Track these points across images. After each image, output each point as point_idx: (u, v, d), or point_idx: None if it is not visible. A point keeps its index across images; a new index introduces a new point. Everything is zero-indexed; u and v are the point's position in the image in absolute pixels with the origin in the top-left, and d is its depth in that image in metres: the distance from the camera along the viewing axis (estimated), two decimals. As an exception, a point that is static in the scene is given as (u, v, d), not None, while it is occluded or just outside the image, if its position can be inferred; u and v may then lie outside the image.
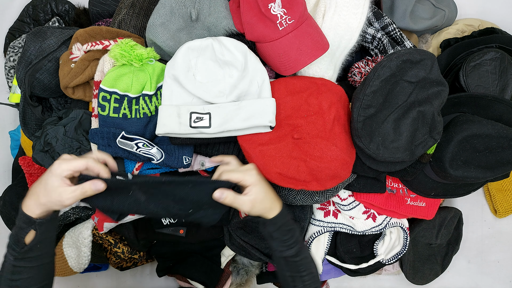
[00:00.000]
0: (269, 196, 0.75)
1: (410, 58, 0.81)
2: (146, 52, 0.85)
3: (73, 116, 0.92)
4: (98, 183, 0.66)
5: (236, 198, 0.72)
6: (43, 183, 0.66)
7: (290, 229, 0.77)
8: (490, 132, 0.85)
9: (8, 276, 0.67)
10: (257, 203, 0.73)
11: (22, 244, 0.66)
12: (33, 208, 0.66)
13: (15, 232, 0.66)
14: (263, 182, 0.75)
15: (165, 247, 1.08)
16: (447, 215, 1.13)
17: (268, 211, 0.75)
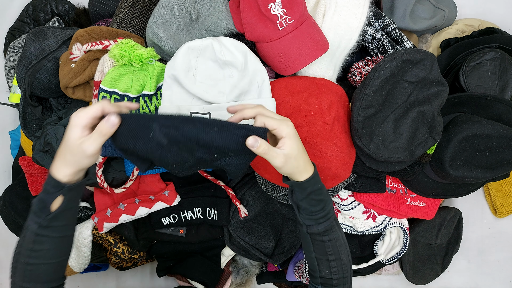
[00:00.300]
0: (303, 154, 0.66)
1: (410, 58, 0.81)
2: (146, 52, 0.85)
3: (73, 116, 0.92)
4: (111, 118, 0.60)
5: (271, 149, 0.62)
6: (65, 140, 0.61)
7: (321, 200, 0.68)
8: (490, 132, 0.85)
9: (29, 245, 0.65)
10: (291, 159, 0.64)
11: (48, 211, 0.63)
12: (61, 170, 0.62)
13: (42, 197, 0.63)
14: (297, 138, 0.65)
15: (165, 247, 1.08)
16: (447, 215, 1.13)
17: (300, 171, 0.66)
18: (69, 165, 0.62)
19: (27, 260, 0.65)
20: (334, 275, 0.69)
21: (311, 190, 0.67)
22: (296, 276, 1.09)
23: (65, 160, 0.62)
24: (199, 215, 1.00)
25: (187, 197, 1.01)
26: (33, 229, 0.64)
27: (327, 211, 0.69)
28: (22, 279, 0.66)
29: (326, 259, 0.69)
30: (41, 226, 0.64)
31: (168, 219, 1.01)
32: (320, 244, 0.69)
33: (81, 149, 0.60)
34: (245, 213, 0.98)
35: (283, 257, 1.04)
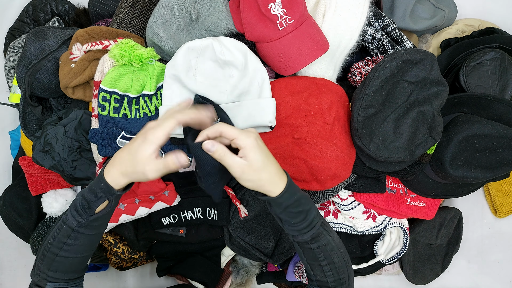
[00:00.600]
0: (268, 167, 0.62)
1: (410, 58, 0.81)
2: (146, 52, 0.85)
3: (73, 116, 0.92)
4: (181, 157, 0.59)
5: (227, 155, 0.60)
6: (133, 151, 0.60)
7: (300, 211, 0.64)
8: (490, 132, 0.85)
9: (64, 239, 0.66)
10: (251, 171, 0.60)
11: (92, 212, 0.64)
12: (117, 178, 0.62)
13: (89, 198, 0.63)
14: (263, 149, 0.62)
15: (165, 247, 1.08)
16: (447, 215, 1.13)
17: (264, 185, 0.63)
18: (126, 177, 0.62)
19: (58, 252, 0.66)
20: (329, 278, 0.68)
21: (287, 204, 0.64)
22: (296, 276, 1.09)
23: (125, 170, 0.61)
24: (199, 215, 1.00)
25: (187, 197, 1.01)
26: (72, 225, 0.65)
27: (310, 220, 0.66)
28: (48, 267, 0.67)
29: (319, 264, 0.68)
30: (80, 225, 0.65)
31: (168, 219, 1.01)
32: (309, 251, 0.68)
33: (144, 171, 0.59)
34: (245, 213, 0.98)
35: (283, 257, 1.04)
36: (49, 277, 0.68)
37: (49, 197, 1.02)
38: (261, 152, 0.62)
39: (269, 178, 0.62)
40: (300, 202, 0.65)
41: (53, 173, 1.02)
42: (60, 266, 0.68)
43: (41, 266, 0.68)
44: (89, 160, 0.91)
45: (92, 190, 0.63)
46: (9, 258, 1.28)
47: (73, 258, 0.68)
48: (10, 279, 1.28)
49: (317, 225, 0.67)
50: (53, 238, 0.67)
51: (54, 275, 0.68)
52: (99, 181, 0.63)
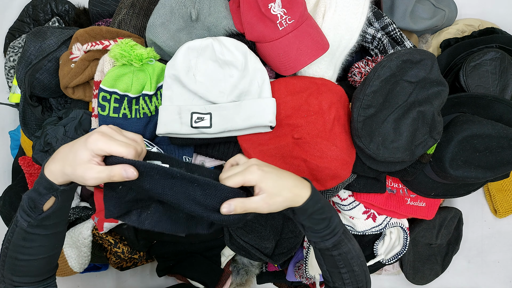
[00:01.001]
0: (285, 184, 0.62)
1: (410, 58, 0.81)
2: (146, 52, 0.85)
3: (73, 116, 0.92)
4: (130, 171, 0.54)
5: (246, 203, 0.59)
6: (73, 151, 0.56)
7: (324, 218, 0.65)
8: (490, 132, 0.85)
9: (20, 242, 0.62)
10: (273, 198, 0.60)
11: (40, 211, 0.60)
12: (56, 175, 0.58)
13: (33, 197, 0.59)
14: (270, 174, 0.61)
15: (165, 247, 1.08)
16: (447, 215, 1.13)
17: (291, 200, 0.62)
18: (64, 176, 0.58)
19: (16, 256, 0.63)
20: (348, 286, 0.69)
21: (312, 210, 0.64)
22: (296, 276, 1.09)
23: (63, 169, 0.57)
24: (199, 215, 1.00)
25: (187, 197, 1.00)
26: (23, 227, 0.61)
27: (333, 227, 0.66)
28: (12, 273, 0.64)
29: (338, 272, 0.69)
30: (31, 225, 0.61)
31: (168, 219, 1.01)
32: (330, 258, 0.68)
33: (83, 175, 0.55)
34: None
35: (283, 257, 1.04)
36: (15, 282, 0.64)
37: (49, 197, 1.02)
38: (271, 176, 0.61)
39: (290, 194, 0.62)
40: (324, 209, 0.65)
41: (53, 173, 1.02)
42: (24, 270, 0.64)
43: (4, 272, 0.64)
44: (89, 160, 0.91)
45: (35, 188, 0.60)
46: (9, 258, 1.28)
47: (36, 261, 0.64)
48: (10, 279, 1.28)
49: (339, 233, 0.67)
50: (8, 242, 0.63)
51: (20, 280, 0.64)
52: (40, 178, 0.59)
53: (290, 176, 0.64)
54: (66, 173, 0.57)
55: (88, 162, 0.55)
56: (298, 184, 0.64)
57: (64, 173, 0.57)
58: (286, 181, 0.63)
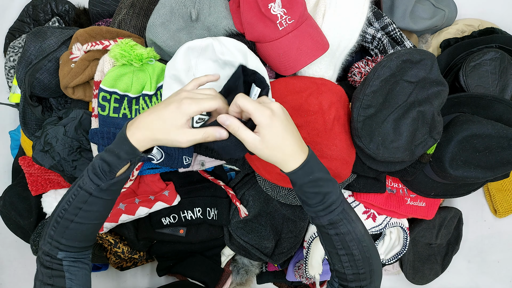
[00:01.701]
0: (282, 146, 0.61)
1: (410, 58, 0.81)
2: (146, 52, 0.85)
3: (73, 116, 0.92)
4: (223, 132, 0.60)
5: (240, 129, 0.60)
6: (163, 118, 0.59)
7: (317, 192, 0.63)
8: (490, 132, 0.85)
9: (80, 205, 0.64)
10: (263, 147, 0.60)
11: (113, 175, 0.63)
12: (143, 142, 0.61)
13: (110, 161, 0.61)
14: (276, 128, 0.60)
15: (165, 247, 1.08)
16: (447, 215, 1.13)
17: (278, 162, 0.62)
18: (155, 142, 0.61)
19: (73, 218, 0.65)
20: (347, 270, 0.66)
21: (302, 182, 0.63)
22: (296, 276, 1.09)
23: (153, 136, 0.61)
24: (199, 215, 1.00)
25: (187, 197, 1.01)
26: (90, 190, 0.63)
27: (327, 204, 0.63)
28: (61, 235, 0.66)
29: (336, 253, 0.66)
30: (100, 189, 0.63)
31: (168, 219, 1.01)
32: (327, 236, 0.66)
33: (178, 138, 0.60)
34: (245, 213, 0.98)
35: (283, 257, 1.04)
36: (62, 245, 0.66)
37: (49, 197, 1.02)
38: (276, 131, 0.60)
39: (282, 156, 0.62)
40: (318, 183, 0.63)
41: (53, 173, 1.02)
42: (74, 233, 0.66)
43: (53, 234, 0.66)
44: (89, 160, 0.91)
45: (115, 152, 0.62)
46: (9, 258, 1.28)
47: (87, 225, 0.66)
48: (11, 279, 1.28)
49: (335, 211, 0.64)
50: (68, 204, 0.65)
51: (67, 243, 0.66)
52: (121, 143, 0.62)
53: (293, 141, 0.62)
54: (157, 138, 0.61)
55: (182, 127, 0.59)
56: (294, 152, 0.62)
57: (154, 139, 0.61)
58: (285, 143, 0.61)
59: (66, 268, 0.66)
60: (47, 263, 0.66)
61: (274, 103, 0.62)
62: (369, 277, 0.66)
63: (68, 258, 0.67)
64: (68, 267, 0.66)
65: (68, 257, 0.67)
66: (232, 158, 0.92)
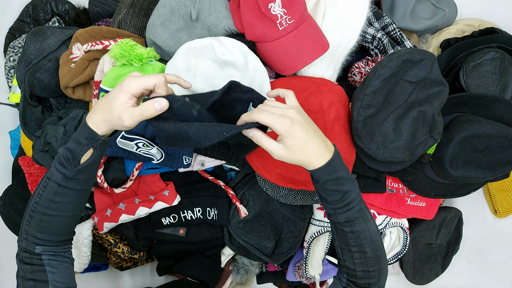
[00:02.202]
0: (305, 148, 0.63)
1: (410, 58, 0.81)
2: (146, 52, 0.85)
3: (73, 116, 0.92)
4: (162, 103, 0.60)
5: (264, 140, 0.63)
6: (110, 99, 0.61)
7: (338, 190, 0.64)
8: (490, 132, 0.85)
9: (50, 196, 0.64)
10: (288, 154, 0.63)
11: (77, 162, 0.63)
12: (98, 124, 0.62)
13: (72, 148, 0.62)
14: (297, 133, 0.62)
15: (165, 247, 1.08)
16: (447, 215, 1.13)
17: (303, 164, 0.64)
18: (106, 124, 0.62)
19: (45, 211, 0.65)
20: (358, 267, 0.67)
21: (325, 180, 0.64)
22: (296, 276, 1.09)
23: (104, 117, 0.61)
24: (199, 215, 1.00)
25: (187, 197, 1.01)
26: (57, 180, 0.64)
27: (347, 202, 0.65)
28: (36, 229, 0.66)
29: (349, 250, 0.67)
30: (66, 178, 0.64)
31: (168, 219, 1.01)
32: (342, 234, 0.67)
33: (120, 117, 0.60)
34: (245, 213, 0.98)
35: (283, 257, 1.04)
36: (38, 239, 0.66)
37: (49, 197, 1.02)
38: (297, 137, 0.62)
39: (305, 158, 0.64)
40: (339, 182, 0.65)
41: (53, 173, 1.02)
42: (49, 226, 0.66)
43: (28, 228, 0.66)
44: (89, 160, 0.91)
45: (76, 139, 0.63)
46: (9, 258, 1.28)
47: (60, 217, 0.66)
48: (11, 278, 1.28)
49: (353, 209, 0.66)
50: (39, 196, 0.65)
51: (43, 237, 0.66)
52: (81, 129, 0.63)
53: (316, 141, 0.64)
54: (106, 119, 0.61)
55: (124, 104, 0.60)
56: (319, 152, 0.64)
57: (104, 120, 0.61)
58: (308, 145, 0.63)
59: (47, 262, 0.66)
60: (26, 259, 0.66)
61: (291, 110, 0.64)
62: (378, 275, 0.68)
63: (47, 252, 0.67)
64: (48, 261, 0.66)
65: (47, 251, 0.67)
66: (233, 158, 0.91)
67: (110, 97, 0.61)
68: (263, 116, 0.62)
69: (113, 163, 0.96)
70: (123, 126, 0.61)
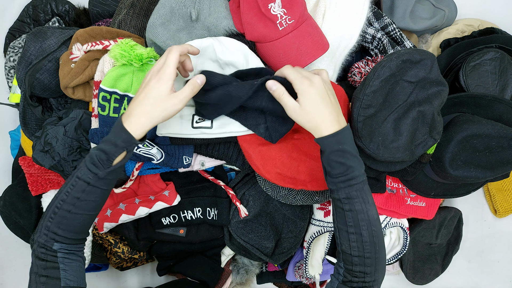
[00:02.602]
0: (319, 114, 0.67)
1: (410, 58, 0.81)
2: (146, 52, 0.85)
3: (73, 116, 0.92)
4: (200, 77, 0.70)
5: (284, 96, 0.69)
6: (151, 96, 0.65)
7: (342, 163, 0.66)
8: (490, 132, 0.85)
9: (78, 194, 0.67)
10: (302, 113, 0.68)
11: (110, 164, 0.66)
12: (140, 128, 0.66)
13: (107, 149, 0.65)
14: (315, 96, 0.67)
15: (165, 247, 1.08)
16: (447, 215, 1.13)
17: (314, 128, 0.68)
18: (154, 119, 0.66)
19: (70, 209, 0.67)
20: (354, 251, 0.67)
21: (330, 150, 0.67)
22: (296, 276, 1.09)
23: (151, 114, 0.65)
24: (199, 215, 1.00)
25: (187, 197, 1.01)
26: (88, 179, 0.66)
27: (349, 177, 0.66)
28: (58, 225, 0.68)
29: (346, 231, 0.67)
30: (97, 177, 0.66)
31: (168, 219, 1.01)
32: (340, 212, 0.68)
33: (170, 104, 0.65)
34: (245, 213, 0.98)
35: (283, 257, 1.04)
36: (58, 236, 0.68)
37: (49, 197, 1.02)
38: (312, 99, 0.67)
39: (315, 122, 0.68)
40: (345, 155, 0.67)
41: (53, 173, 1.02)
42: (70, 223, 0.68)
43: (50, 225, 0.68)
44: (89, 160, 0.91)
45: (111, 141, 0.65)
46: (10, 258, 1.28)
47: (83, 216, 0.69)
48: (11, 279, 1.28)
49: (355, 186, 0.67)
50: (66, 195, 0.67)
51: (63, 234, 0.68)
52: (118, 132, 0.66)
53: (329, 110, 0.68)
54: (154, 116, 0.66)
55: (170, 93, 0.66)
56: (329, 119, 0.68)
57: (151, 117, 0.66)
58: (320, 110, 0.68)
59: (61, 259, 0.68)
60: (42, 255, 0.68)
61: (316, 77, 0.69)
62: (374, 265, 0.67)
63: (63, 250, 0.69)
64: (62, 259, 0.68)
65: (63, 249, 0.69)
66: (232, 158, 0.91)
67: (150, 93, 0.65)
68: (290, 71, 0.69)
69: (113, 163, 0.96)
70: (176, 111, 0.67)
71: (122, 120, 0.66)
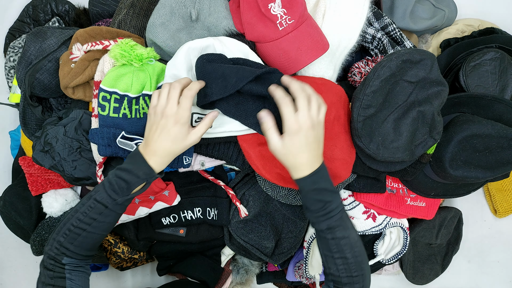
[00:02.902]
0: (298, 156, 0.69)
1: (410, 58, 0.81)
2: (146, 52, 0.85)
3: (73, 116, 0.92)
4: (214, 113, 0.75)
5: (270, 132, 0.70)
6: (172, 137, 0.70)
7: (319, 200, 0.70)
8: (490, 132, 0.85)
9: (95, 216, 0.71)
10: (281, 152, 0.69)
11: (129, 192, 0.71)
12: (162, 166, 0.72)
13: (129, 179, 0.70)
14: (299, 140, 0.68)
15: (165, 247, 1.08)
16: (447, 215, 1.13)
17: (289, 168, 0.71)
18: (173, 156, 0.72)
19: (86, 228, 0.71)
20: (342, 273, 0.71)
21: (307, 189, 0.70)
22: (296, 276, 1.09)
23: (172, 152, 0.71)
24: (199, 215, 1.00)
25: (187, 197, 1.01)
26: (106, 203, 0.71)
27: (327, 211, 0.70)
28: (71, 242, 0.71)
29: (331, 256, 0.71)
30: (116, 203, 0.71)
31: (168, 219, 1.01)
32: (324, 240, 0.72)
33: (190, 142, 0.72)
34: (245, 213, 0.98)
35: (283, 257, 1.04)
36: (69, 251, 0.71)
37: (49, 197, 1.02)
38: (299, 146, 0.68)
39: (294, 164, 0.70)
40: (321, 192, 0.70)
41: (53, 173, 1.02)
42: (84, 241, 0.72)
43: (63, 241, 0.71)
44: (89, 160, 0.91)
45: (132, 172, 0.70)
46: (10, 258, 1.28)
47: (96, 235, 0.73)
48: (11, 279, 1.29)
49: (334, 217, 0.71)
50: (84, 215, 0.71)
51: (75, 250, 0.72)
52: (140, 164, 0.71)
53: (312, 154, 0.70)
54: (176, 152, 0.73)
55: (189, 131, 0.72)
56: (306, 163, 0.70)
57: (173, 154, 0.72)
58: (302, 155, 0.69)
59: (68, 271, 0.71)
60: (50, 266, 0.71)
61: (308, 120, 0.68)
62: (362, 280, 0.72)
63: (72, 264, 0.72)
64: (70, 271, 0.71)
65: (72, 263, 0.72)
66: (232, 158, 0.91)
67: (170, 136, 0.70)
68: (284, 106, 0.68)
69: (113, 163, 0.95)
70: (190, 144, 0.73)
71: (143, 153, 0.72)
